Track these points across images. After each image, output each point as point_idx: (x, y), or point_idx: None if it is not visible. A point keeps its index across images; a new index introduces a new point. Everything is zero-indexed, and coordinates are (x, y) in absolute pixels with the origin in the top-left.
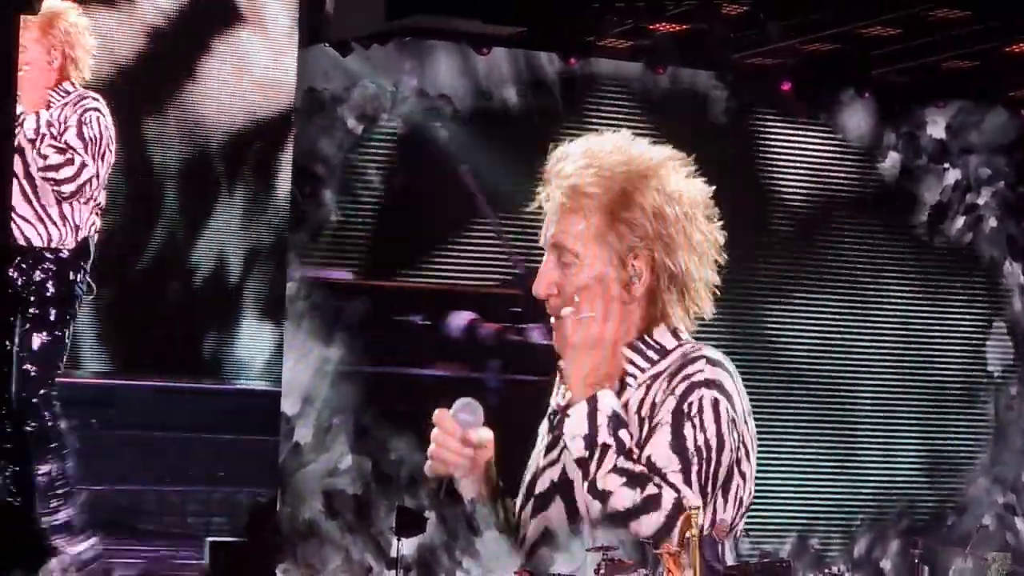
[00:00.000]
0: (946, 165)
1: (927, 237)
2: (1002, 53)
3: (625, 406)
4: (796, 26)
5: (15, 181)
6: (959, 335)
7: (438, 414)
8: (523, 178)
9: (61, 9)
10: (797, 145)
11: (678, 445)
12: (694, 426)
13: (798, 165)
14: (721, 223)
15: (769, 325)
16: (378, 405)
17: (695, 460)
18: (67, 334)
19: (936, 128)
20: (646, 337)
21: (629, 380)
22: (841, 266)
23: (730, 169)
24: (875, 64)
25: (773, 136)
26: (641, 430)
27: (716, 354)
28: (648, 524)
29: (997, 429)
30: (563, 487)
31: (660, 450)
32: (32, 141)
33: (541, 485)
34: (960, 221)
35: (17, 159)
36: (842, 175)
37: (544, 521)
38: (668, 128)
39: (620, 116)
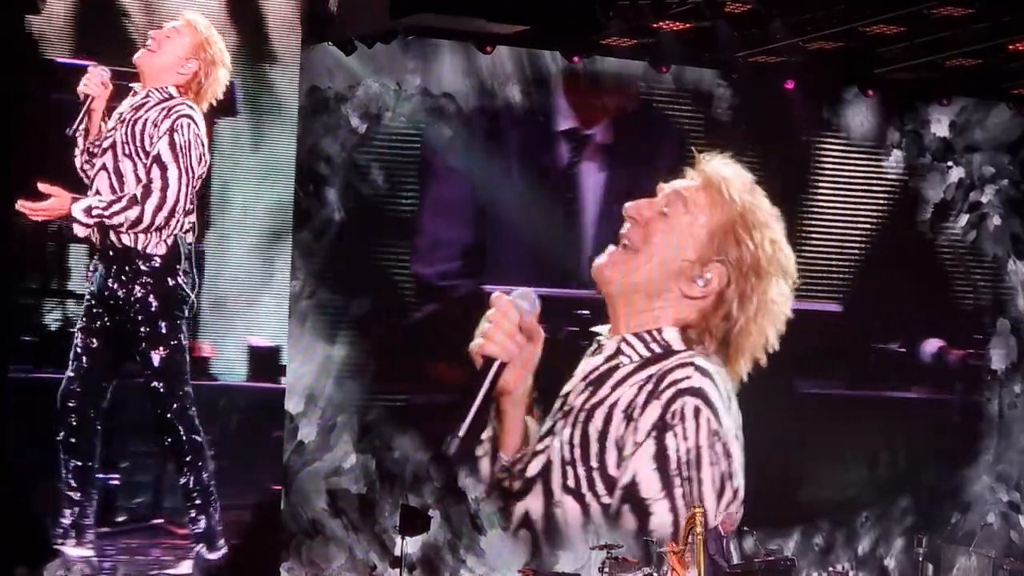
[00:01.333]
0: (950, 163)
1: (931, 235)
2: (1006, 51)
3: (615, 401)
4: (800, 24)
5: (106, 175)
6: (963, 333)
7: (495, 296)
8: (529, 175)
9: (220, 47)
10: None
11: (661, 463)
12: (675, 435)
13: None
14: None
15: None
16: None
17: (676, 482)
18: (183, 340)
19: (940, 126)
20: (654, 331)
21: (623, 361)
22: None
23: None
24: (879, 62)
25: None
26: (624, 431)
27: (709, 364)
28: None
29: (1000, 427)
30: (545, 472)
31: (644, 469)
32: (112, 146)
33: (531, 470)
34: (964, 219)
35: (110, 152)
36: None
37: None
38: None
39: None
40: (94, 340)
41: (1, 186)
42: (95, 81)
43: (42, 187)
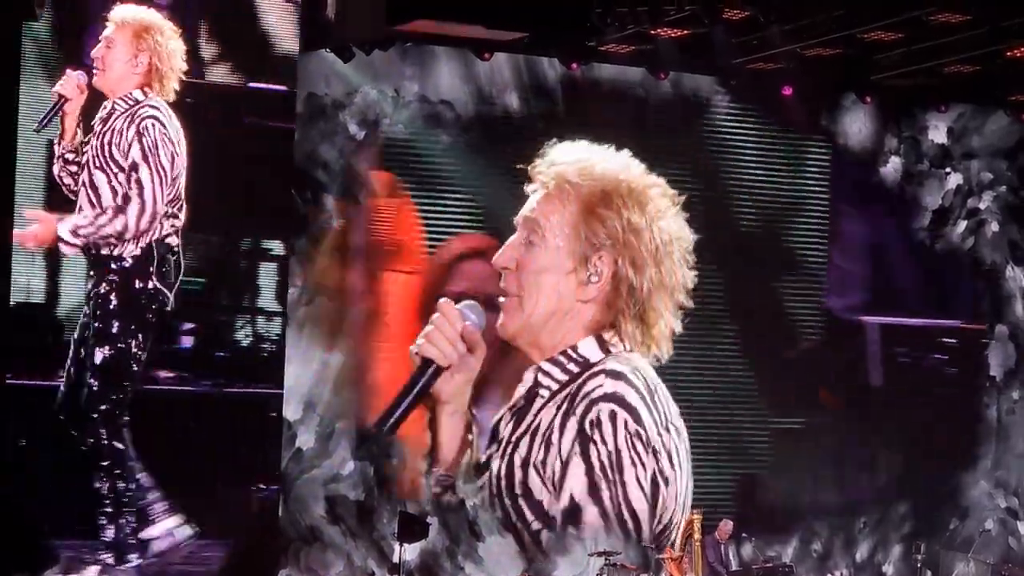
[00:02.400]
0: (948, 170)
1: (929, 241)
2: (1004, 57)
3: (536, 426)
4: (798, 31)
5: (84, 190)
6: (960, 339)
7: (443, 302)
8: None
9: (156, 23)
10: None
11: (589, 472)
12: (594, 443)
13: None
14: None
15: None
16: None
17: (602, 485)
18: (134, 345)
19: (938, 133)
20: (569, 351)
21: (542, 392)
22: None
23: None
24: (877, 69)
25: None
26: (546, 453)
27: (619, 366)
28: None
29: (999, 433)
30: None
31: (578, 486)
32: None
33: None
34: (962, 225)
35: (86, 168)
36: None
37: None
38: (669, 131)
39: (621, 120)
40: (83, 349)
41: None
42: (71, 84)
43: (27, 214)
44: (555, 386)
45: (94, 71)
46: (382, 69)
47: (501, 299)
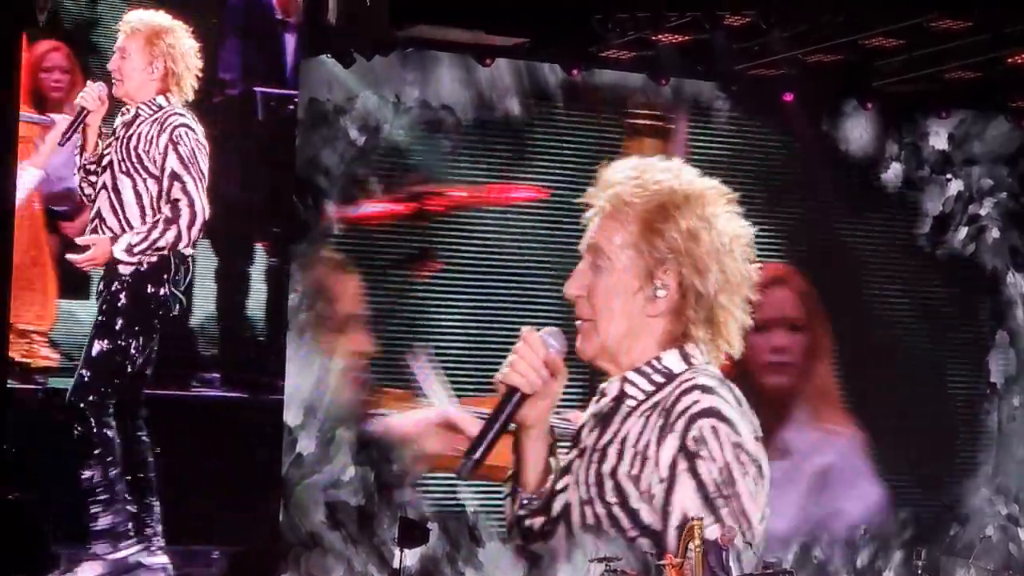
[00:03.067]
0: (948, 176)
1: (929, 248)
2: (1005, 64)
3: (625, 437)
4: (799, 37)
5: (105, 193)
6: (961, 346)
7: (527, 331)
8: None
9: (167, 26)
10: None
11: (700, 489)
12: (702, 459)
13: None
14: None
15: None
16: None
17: (718, 501)
18: (134, 346)
19: (939, 139)
20: (654, 362)
21: (628, 403)
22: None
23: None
24: (878, 75)
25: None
26: (641, 467)
27: (709, 380)
28: None
29: (1000, 440)
30: (567, 512)
31: (691, 504)
32: (109, 163)
33: (555, 509)
34: (963, 232)
35: (108, 171)
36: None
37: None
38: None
39: (624, 127)
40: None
41: None
42: (92, 95)
43: (80, 241)
44: (641, 396)
45: (113, 82)
46: (383, 74)
47: (577, 322)
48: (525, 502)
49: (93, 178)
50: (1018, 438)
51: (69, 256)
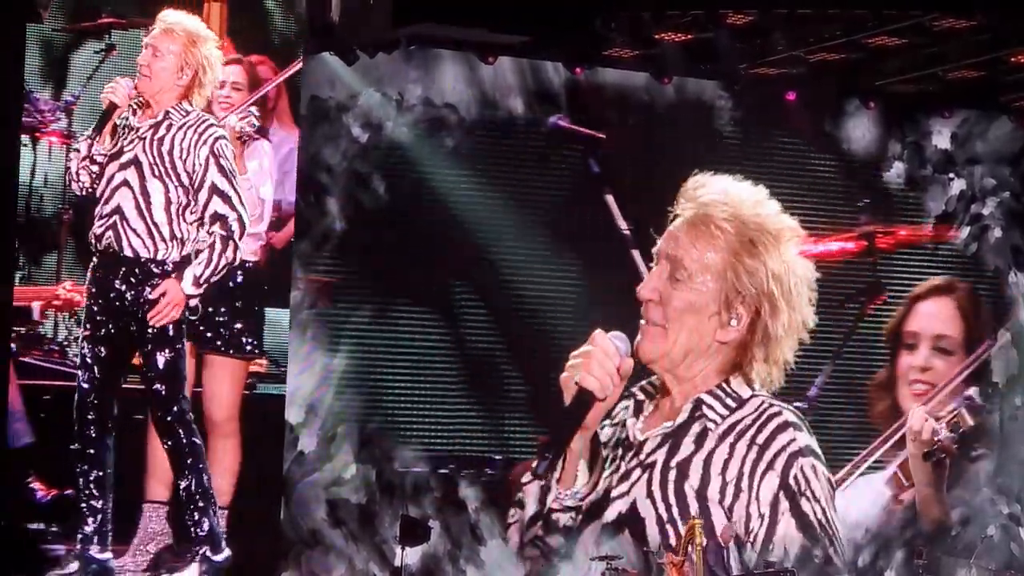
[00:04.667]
0: (951, 175)
1: (932, 247)
2: (1007, 63)
3: (707, 458)
4: (802, 36)
5: (129, 192)
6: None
7: (598, 333)
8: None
9: (203, 33)
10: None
11: (805, 528)
12: (807, 499)
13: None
14: None
15: None
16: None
17: (824, 540)
18: (184, 344)
19: (941, 138)
20: (724, 386)
21: (709, 426)
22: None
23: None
24: (881, 74)
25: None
26: (735, 498)
27: (793, 415)
28: None
29: (1002, 439)
30: (632, 521)
31: (794, 541)
32: (141, 165)
33: (608, 515)
34: (965, 231)
35: (133, 169)
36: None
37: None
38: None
39: (625, 126)
40: (102, 348)
41: None
42: (122, 92)
43: (154, 294)
44: (719, 419)
45: (138, 76)
46: (386, 72)
47: (641, 323)
48: (563, 497)
49: (95, 168)
50: (1020, 437)
51: (151, 318)
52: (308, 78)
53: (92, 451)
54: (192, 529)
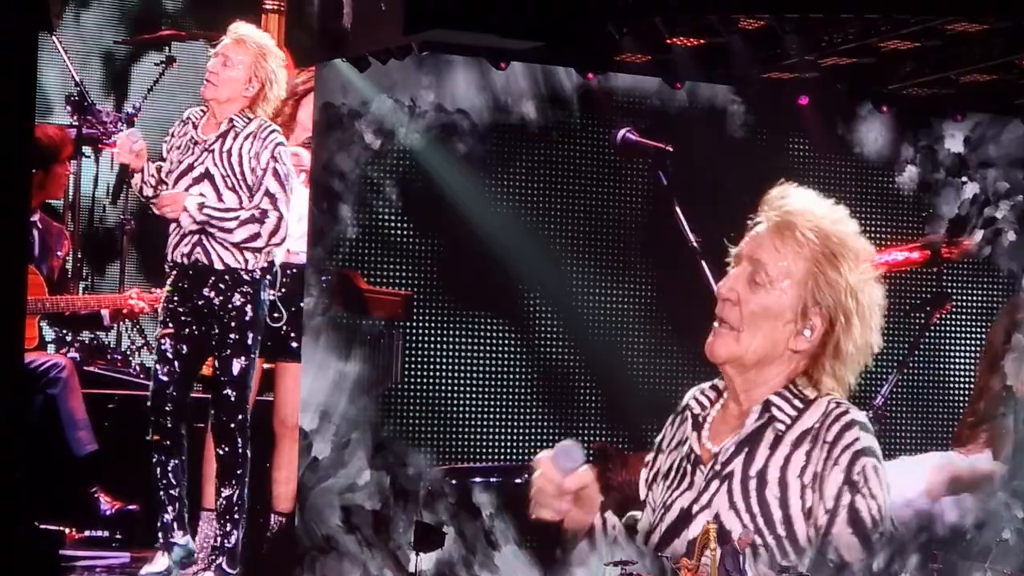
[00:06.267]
0: (964, 179)
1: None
2: (1020, 67)
3: (783, 465)
4: (814, 40)
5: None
6: (978, 349)
7: (538, 459)
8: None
9: (274, 49)
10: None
11: (855, 524)
12: (864, 496)
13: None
14: None
15: None
16: None
17: (877, 543)
18: (256, 358)
19: (954, 142)
20: (792, 387)
21: (779, 427)
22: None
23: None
24: (893, 78)
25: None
26: (807, 500)
27: (862, 416)
28: None
29: (1016, 443)
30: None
31: (843, 535)
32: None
33: (693, 530)
34: (978, 235)
35: (207, 183)
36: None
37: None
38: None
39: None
40: (184, 345)
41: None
42: (126, 151)
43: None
44: (788, 421)
45: (206, 83)
46: (398, 79)
47: (715, 323)
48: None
49: (189, 186)
50: None
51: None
52: (320, 85)
53: (169, 441)
54: (221, 539)
